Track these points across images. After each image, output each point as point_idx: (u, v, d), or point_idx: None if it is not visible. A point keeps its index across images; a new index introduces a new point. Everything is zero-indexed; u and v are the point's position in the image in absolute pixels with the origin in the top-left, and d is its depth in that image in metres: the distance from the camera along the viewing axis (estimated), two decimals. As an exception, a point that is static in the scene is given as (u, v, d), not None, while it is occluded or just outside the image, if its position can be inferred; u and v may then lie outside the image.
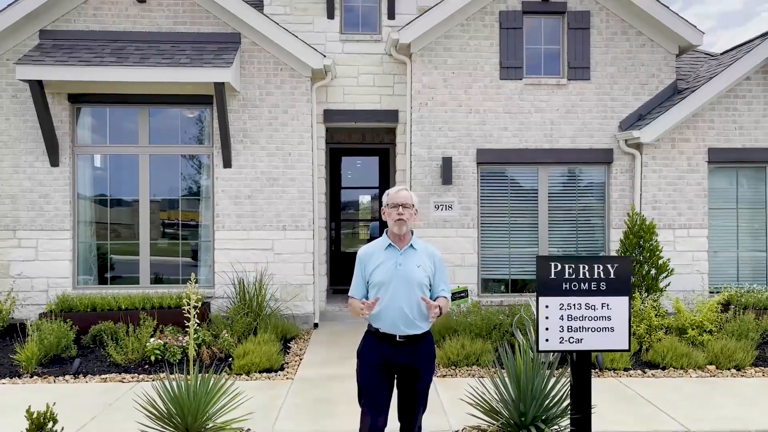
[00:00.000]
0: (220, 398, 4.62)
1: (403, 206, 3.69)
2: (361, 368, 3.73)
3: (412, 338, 3.67)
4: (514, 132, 8.99)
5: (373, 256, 3.75)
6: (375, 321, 3.70)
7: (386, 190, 4.00)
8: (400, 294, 3.63)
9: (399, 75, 9.43)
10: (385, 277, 3.66)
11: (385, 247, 3.75)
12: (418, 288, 3.67)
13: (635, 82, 9.05)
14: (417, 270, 3.68)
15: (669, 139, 8.87)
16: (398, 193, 3.75)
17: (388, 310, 3.63)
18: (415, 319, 3.64)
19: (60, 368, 6.71)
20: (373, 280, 3.70)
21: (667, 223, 8.87)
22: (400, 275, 3.65)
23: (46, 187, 8.59)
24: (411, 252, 3.75)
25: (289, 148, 8.77)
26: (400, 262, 3.68)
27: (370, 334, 3.78)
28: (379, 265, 3.69)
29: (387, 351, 3.66)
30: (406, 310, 3.63)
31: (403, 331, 3.64)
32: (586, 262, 4.15)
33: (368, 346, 3.74)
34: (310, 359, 7.20)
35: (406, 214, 3.69)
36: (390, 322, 3.64)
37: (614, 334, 4.18)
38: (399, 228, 3.70)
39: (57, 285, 8.58)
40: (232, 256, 8.70)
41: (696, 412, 5.44)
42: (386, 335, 3.67)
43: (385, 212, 3.78)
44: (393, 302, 3.63)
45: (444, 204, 8.93)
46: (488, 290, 9.12)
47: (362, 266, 3.77)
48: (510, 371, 4.50)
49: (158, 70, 8.08)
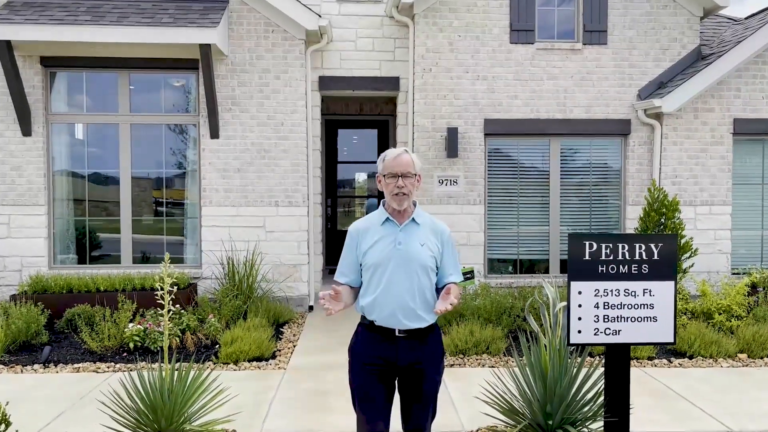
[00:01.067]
0: (200, 395, 4.03)
1: (404, 176, 2.97)
2: (354, 369, 3.05)
3: (415, 332, 2.99)
4: (525, 101, 8.32)
5: (368, 232, 3.04)
6: (369, 311, 3.00)
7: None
8: (400, 278, 2.94)
9: (400, 39, 8.72)
10: (382, 257, 2.96)
11: (382, 221, 3.05)
12: (422, 271, 2.98)
13: (656, 47, 8.37)
14: (420, 249, 2.99)
15: (692, 108, 8.22)
16: (397, 158, 3.01)
17: (386, 298, 2.94)
18: (418, 309, 2.95)
19: (29, 356, 6.11)
20: (366, 262, 3.00)
21: (688, 200, 8.26)
22: (399, 255, 2.96)
23: (17, 158, 7.91)
24: (413, 227, 3.04)
25: (282, 117, 8.10)
26: (400, 240, 2.98)
27: (363, 327, 3.07)
28: (375, 243, 3.00)
29: (384, 348, 2.97)
30: (407, 297, 2.94)
31: (404, 325, 2.95)
32: (626, 240, 3.56)
33: (361, 342, 3.05)
34: (304, 346, 6.62)
35: (408, 186, 2.98)
36: (387, 314, 2.95)
37: (657, 325, 3.60)
38: (399, 203, 2.99)
39: (32, 264, 7.94)
40: (220, 234, 8.07)
41: (734, 407, 4.88)
42: (383, 329, 2.98)
43: (381, 182, 3.05)
44: (391, 288, 2.94)
45: (449, 178, 8.29)
46: (495, 271, 8.53)
47: (354, 244, 3.07)
48: (534, 365, 3.90)
49: (137, 30, 7.37)
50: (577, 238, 3.52)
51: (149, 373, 3.92)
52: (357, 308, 3.09)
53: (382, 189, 3.07)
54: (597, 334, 3.54)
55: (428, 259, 2.99)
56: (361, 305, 3.04)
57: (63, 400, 5.01)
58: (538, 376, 3.82)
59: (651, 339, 3.58)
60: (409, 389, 3.02)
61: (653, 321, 3.58)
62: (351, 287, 3.07)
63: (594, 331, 3.54)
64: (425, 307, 2.99)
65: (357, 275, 3.08)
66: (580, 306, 3.53)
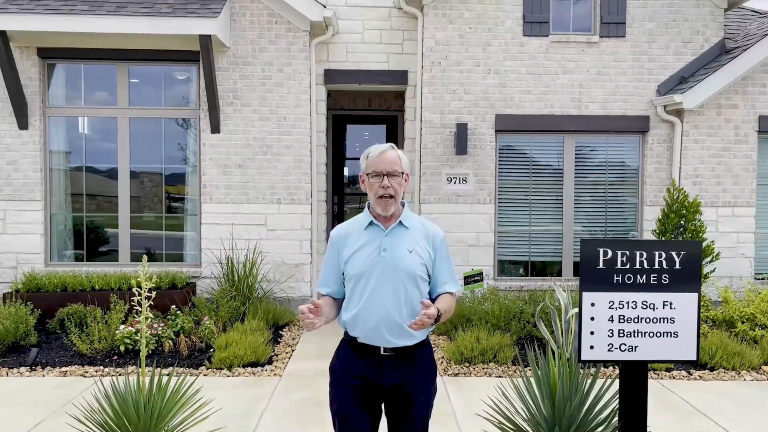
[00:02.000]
0: (182, 408, 3.75)
1: (390, 175, 2.62)
2: (334, 390, 2.71)
3: (403, 350, 2.66)
4: (538, 96, 7.96)
5: (350, 237, 2.72)
6: (351, 327, 2.68)
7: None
8: (385, 289, 2.61)
9: (409, 31, 8.38)
10: (364, 266, 2.63)
11: (366, 225, 2.71)
12: (410, 281, 2.64)
13: (677, 39, 7.97)
14: (408, 256, 2.65)
15: (714, 105, 7.81)
16: (382, 155, 2.65)
17: (369, 313, 2.62)
18: (405, 324, 2.61)
19: (18, 358, 5.88)
20: (348, 271, 2.67)
21: (709, 201, 7.85)
22: (385, 264, 2.62)
23: (13, 152, 7.69)
24: (400, 232, 2.69)
25: (285, 111, 7.81)
26: (385, 246, 2.65)
27: (345, 343, 2.76)
28: (357, 251, 2.67)
29: (368, 367, 2.65)
30: (392, 311, 2.61)
31: (390, 342, 2.63)
32: (644, 247, 3.20)
33: (342, 359, 2.72)
34: (302, 350, 6.33)
35: (395, 186, 2.63)
36: (370, 329, 2.62)
37: (678, 341, 3.25)
38: (384, 207, 2.65)
39: (27, 261, 7.73)
40: (220, 231, 7.80)
41: (762, 426, 4.52)
42: (366, 347, 2.66)
43: (365, 182, 2.70)
44: (375, 301, 2.61)
45: (457, 176, 7.95)
46: (505, 273, 8.18)
47: (335, 251, 2.74)
48: (542, 381, 3.57)
49: (135, 21, 7.11)
50: (591, 244, 3.17)
51: (126, 382, 3.65)
52: (339, 323, 2.77)
53: (365, 190, 2.73)
54: (611, 350, 3.21)
55: (417, 267, 2.66)
56: (343, 320, 2.72)
57: (45, 406, 4.76)
58: (546, 394, 3.49)
59: (671, 356, 3.23)
60: (396, 414, 2.68)
61: (674, 336, 3.24)
62: (333, 299, 2.75)
63: (608, 346, 3.21)
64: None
65: (339, 285, 2.76)
66: (593, 319, 3.20)
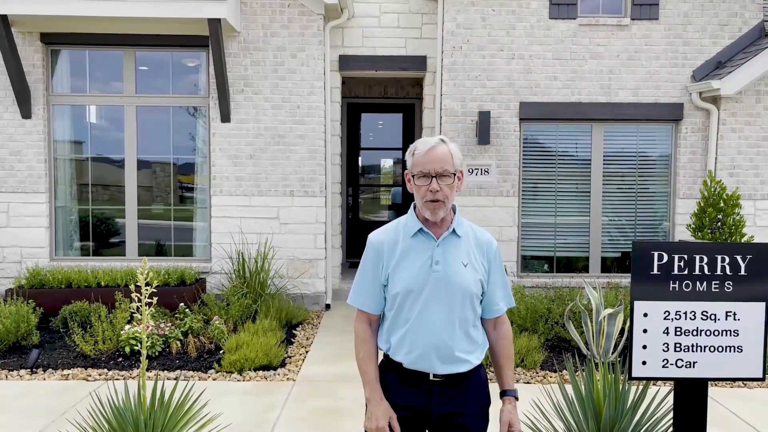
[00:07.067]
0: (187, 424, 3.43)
1: (440, 176, 2.19)
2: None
3: (454, 378, 2.28)
4: (565, 82, 7.53)
5: (396, 246, 2.29)
6: (395, 351, 2.30)
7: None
8: (437, 310, 2.23)
9: (428, 14, 7.97)
10: (414, 282, 2.22)
11: (413, 233, 2.28)
12: (466, 300, 2.25)
13: (713, 22, 7.49)
14: (464, 271, 2.25)
15: (753, 91, 7.35)
16: (431, 151, 2.20)
17: (417, 336, 2.24)
18: (458, 349, 2.24)
19: (18, 359, 5.59)
20: (393, 287, 2.26)
21: (747, 193, 7.40)
22: (437, 280, 2.22)
23: (17, 142, 7.40)
24: (453, 241, 2.28)
25: (298, 99, 7.44)
26: (438, 259, 2.24)
27: (388, 369, 2.35)
28: (404, 262, 2.25)
29: (415, 396, 2.28)
30: (444, 335, 2.23)
31: (440, 369, 2.25)
32: (705, 251, 2.80)
33: (385, 387, 2.33)
34: (317, 351, 6.00)
35: (445, 190, 2.20)
36: (419, 354, 2.24)
37: (742, 357, 2.86)
38: (434, 212, 2.23)
39: (32, 255, 7.46)
40: (231, 225, 7.48)
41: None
42: (413, 373, 2.28)
43: (411, 182, 2.27)
44: (425, 323, 2.23)
45: (479, 168, 7.56)
46: (529, 269, 7.80)
47: (376, 261, 2.31)
48: (586, 399, 3.21)
49: (141, 4, 6.76)
50: (643, 248, 2.78)
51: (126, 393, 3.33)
52: (380, 344, 2.39)
53: (411, 191, 2.30)
54: (666, 366, 2.83)
55: (474, 283, 2.26)
56: (383, 342, 2.35)
57: (44, 414, 4.46)
58: (591, 414, 3.13)
59: (734, 374, 2.85)
60: None
61: (738, 351, 2.86)
62: (369, 317, 2.38)
63: (662, 362, 2.83)
64: (469, 344, 2.29)
65: (380, 301, 2.35)
66: (646, 331, 2.82)
